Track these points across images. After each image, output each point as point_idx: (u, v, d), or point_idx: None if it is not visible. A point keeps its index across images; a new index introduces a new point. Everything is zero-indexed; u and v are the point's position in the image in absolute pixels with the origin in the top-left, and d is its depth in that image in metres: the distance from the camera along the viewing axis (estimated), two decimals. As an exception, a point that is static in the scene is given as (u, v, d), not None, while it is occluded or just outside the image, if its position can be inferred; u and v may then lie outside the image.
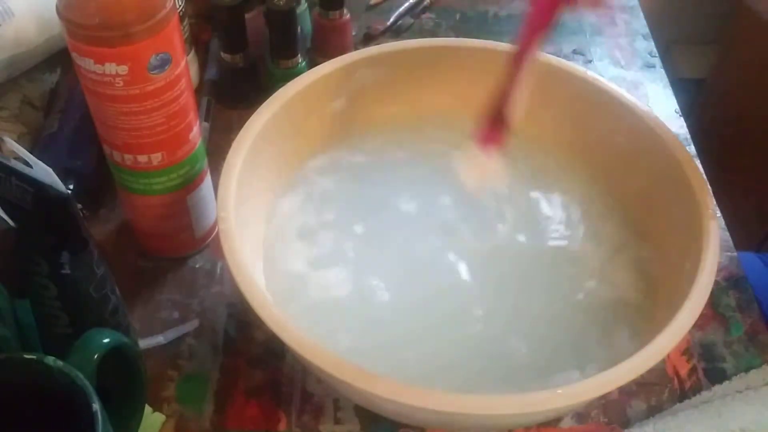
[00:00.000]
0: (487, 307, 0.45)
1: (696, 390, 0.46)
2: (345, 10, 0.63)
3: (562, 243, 0.48)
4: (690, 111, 0.66)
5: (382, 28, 0.70)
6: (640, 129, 0.47)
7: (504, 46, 0.52)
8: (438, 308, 0.45)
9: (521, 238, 0.48)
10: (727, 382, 0.46)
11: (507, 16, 0.74)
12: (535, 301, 0.45)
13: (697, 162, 0.49)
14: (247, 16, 0.61)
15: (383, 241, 0.48)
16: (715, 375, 0.47)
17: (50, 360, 0.34)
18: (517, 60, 0.41)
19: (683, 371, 0.47)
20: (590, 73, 0.50)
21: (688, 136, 0.61)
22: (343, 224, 0.48)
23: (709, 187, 0.44)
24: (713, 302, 0.50)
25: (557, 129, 0.52)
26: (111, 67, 0.40)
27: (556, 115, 0.51)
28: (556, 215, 0.50)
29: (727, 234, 0.54)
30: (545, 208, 0.50)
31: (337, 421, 0.45)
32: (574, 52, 0.71)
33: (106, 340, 0.37)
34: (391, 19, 0.71)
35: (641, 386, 0.46)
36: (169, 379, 0.46)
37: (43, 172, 0.35)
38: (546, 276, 0.47)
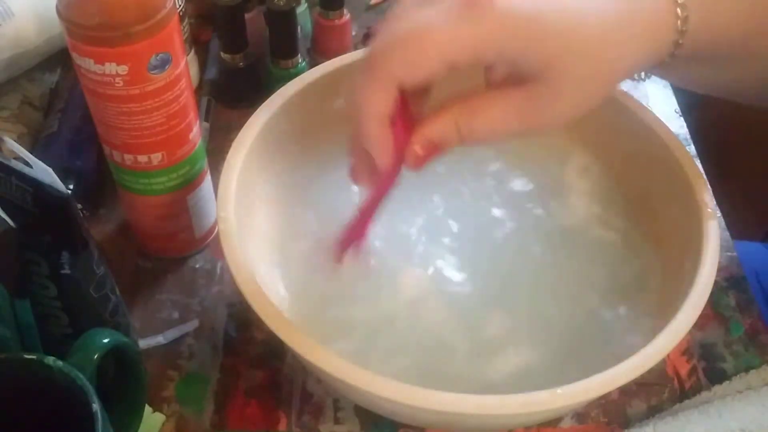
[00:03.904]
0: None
1: (696, 390, 0.46)
2: (345, 10, 0.63)
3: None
4: (690, 111, 0.65)
5: (382, 28, 0.70)
6: (640, 129, 0.47)
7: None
8: (441, 307, 0.45)
9: (515, 232, 0.49)
10: (727, 382, 0.46)
11: (507, 16, 0.74)
12: (538, 304, 0.45)
13: (697, 162, 0.49)
14: (247, 16, 0.61)
15: (383, 240, 0.48)
16: (715, 375, 0.47)
17: (50, 360, 0.34)
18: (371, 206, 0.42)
19: (683, 371, 0.47)
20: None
21: (688, 136, 0.61)
22: (342, 223, 0.48)
23: (709, 187, 0.44)
24: (713, 302, 0.50)
25: (556, 129, 0.52)
26: (111, 67, 0.40)
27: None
28: (555, 214, 0.50)
29: (727, 234, 0.54)
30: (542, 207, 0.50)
31: (337, 421, 0.45)
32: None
33: (106, 340, 0.37)
34: (391, 19, 0.71)
35: (641, 386, 0.46)
36: (169, 379, 0.46)
37: (43, 172, 0.35)
38: (545, 276, 0.47)
